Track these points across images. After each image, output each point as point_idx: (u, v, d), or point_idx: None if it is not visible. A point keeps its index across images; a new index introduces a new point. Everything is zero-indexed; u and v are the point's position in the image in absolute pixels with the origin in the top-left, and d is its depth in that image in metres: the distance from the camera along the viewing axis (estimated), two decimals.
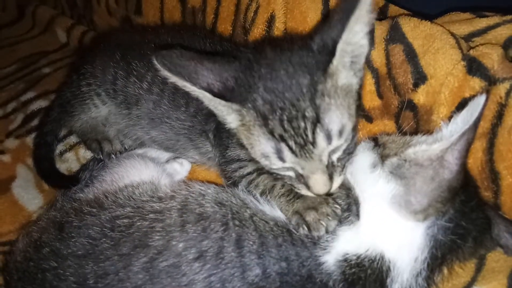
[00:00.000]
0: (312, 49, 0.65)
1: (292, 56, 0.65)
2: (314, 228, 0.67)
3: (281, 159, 0.64)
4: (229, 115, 0.68)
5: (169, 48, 0.66)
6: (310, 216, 0.68)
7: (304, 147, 0.62)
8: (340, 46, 0.62)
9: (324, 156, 0.64)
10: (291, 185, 0.71)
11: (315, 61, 0.64)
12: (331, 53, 0.63)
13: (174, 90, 0.89)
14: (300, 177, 0.66)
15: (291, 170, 0.67)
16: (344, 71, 0.65)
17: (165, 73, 0.64)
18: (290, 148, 0.62)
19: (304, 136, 0.61)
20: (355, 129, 0.67)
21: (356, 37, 0.64)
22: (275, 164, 0.66)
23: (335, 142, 0.63)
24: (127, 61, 0.94)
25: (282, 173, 0.69)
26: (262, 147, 0.65)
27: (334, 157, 0.66)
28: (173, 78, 0.65)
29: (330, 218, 0.67)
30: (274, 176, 0.75)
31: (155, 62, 0.63)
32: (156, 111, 0.92)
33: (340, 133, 0.63)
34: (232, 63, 0.67)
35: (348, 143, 0.65)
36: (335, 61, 0.63)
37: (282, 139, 0.62)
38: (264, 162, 0.67)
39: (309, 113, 0.61)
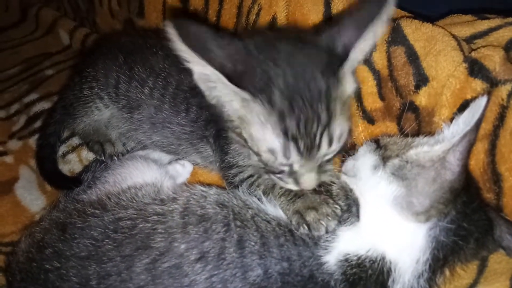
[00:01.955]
0: (323, 48, 0.63)
1: (309, 53, 0.62)
2: (314, 228, 0.67)
3: (286, 156, 0.63)
4: (232, 101, 0.64)
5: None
6: (310, 216, 0.68)
7: (310, 149, 0.63)
8: (352, 53, 0.61)
9: (320, 157, 0.65)
10: (272, 179, 0.71)
11: (328, 63, 0.61)
12: (343, 58, 0.61)
13: (174, 96, 0.89)
14: (293, 173, 0.67)
15: (287, 166, 0.66)
16: (349, 78, 0.65)
17: (178, 44, 0.56)
18: (298, 148, 0.62)
19: (313, 139, 0.62)
20: (349, 133, 0.68)
21: (367, 45, 0.62)
22: (278, 160, 0.64)
23: (334, 146, 0.64)
24: (129, 66, 0.94)
25: (276, 166, 0.66)
26: (269, 142, 0.63)
27: (326, 158, 0.67)
28: (186, 52, 0.57)
29: (330, 218, 0.68)
30: None
31: (170, 29, 0.55)
32: (158, 116, 0.92)
33: (339, 138, 0.64)
34: (243, 47, 0.61)
35: (340, 147, 0.67)
36: (346, 67, 0.62)
37: (293, 138, 0.61)
38: (266, 156, 0.65)
39: (324, 118, 0.61)
